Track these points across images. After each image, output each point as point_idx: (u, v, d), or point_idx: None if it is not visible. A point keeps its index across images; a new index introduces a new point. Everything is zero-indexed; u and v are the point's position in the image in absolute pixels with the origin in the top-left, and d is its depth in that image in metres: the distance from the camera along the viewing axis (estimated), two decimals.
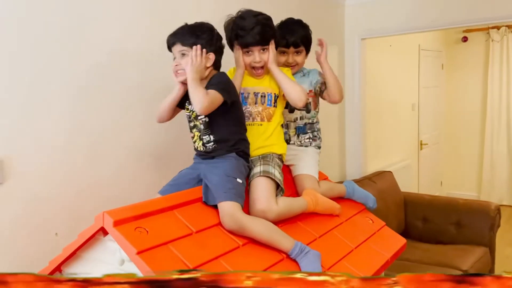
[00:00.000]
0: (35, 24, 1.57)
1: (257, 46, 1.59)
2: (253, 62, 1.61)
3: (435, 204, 3.09)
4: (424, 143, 4.74)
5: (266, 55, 1.61)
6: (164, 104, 1.54)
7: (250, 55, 1.61)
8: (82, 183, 1.72)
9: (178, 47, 1.47)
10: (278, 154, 1.62)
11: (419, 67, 4.61)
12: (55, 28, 1.62)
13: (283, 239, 1.35)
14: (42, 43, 1.59)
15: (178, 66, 1.46)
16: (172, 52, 1.50)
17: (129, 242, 1.11)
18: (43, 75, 1.59)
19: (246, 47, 1.60)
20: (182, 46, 1.46)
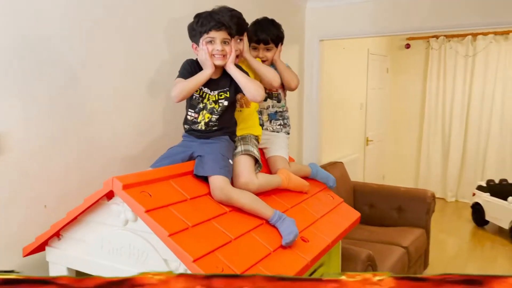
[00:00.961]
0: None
1: (236, 35, 1.77)
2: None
3: (380, 191, 3.45)
4: (370, 139, 5.16)
5: (241, 45, 1.82)
6: (193, 84, 1.59)
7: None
8: (70, 160, 1.82)
9: (223, 34, 1.60)
10: (255, 135, 1.84)
11: (368, 69, 5.01)
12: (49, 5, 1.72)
13: (264, 208, 1.57)
14: (36, 19, 1.68)
15: (222, 51, 1.60)
16: (209, 35, 1.59)
17: (138, 202, 1.27)
18: (35, 52, 1.68)
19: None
20: (227, 35, 1.62)
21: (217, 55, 1.60)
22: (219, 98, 1.65)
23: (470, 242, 4.28)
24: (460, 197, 5.60)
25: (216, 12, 1.63)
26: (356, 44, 4.57)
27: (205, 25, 1.58)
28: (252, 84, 1.63)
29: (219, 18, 1.58)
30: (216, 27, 1.57)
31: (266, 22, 2.07)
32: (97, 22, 1.87)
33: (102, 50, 1.91)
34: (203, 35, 1.60)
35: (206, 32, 1.59)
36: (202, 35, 1.60)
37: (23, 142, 1.65)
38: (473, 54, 5.35)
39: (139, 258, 1.33)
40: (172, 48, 2.20)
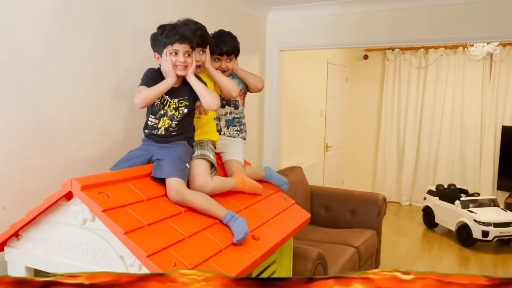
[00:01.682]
0: None
1: (199, 47, 1.90)
2: (196, 61, 1.90)
3: (336, 195, 3.63)
4: (329, 145, 5.37)
5: (203, 57, 1.93)
6: (155, 92, 1.69)
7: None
8: (30, 161, 1.86)
9: (186, 47, 1.72)
10: (212, 141, 1.96)
11: (327, 78, 5.23)
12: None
13: (217, 209, 1.68)
14: None
15: (184, 62, 1.71)
16: (173, 47, 1.70)
17: (96, 202, 1.35)
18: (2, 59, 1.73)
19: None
20: (189, 48, 1.73)
21: (180, 66, 1.71)
22: (179, 105, 1.76)
23: (420, 243, 4.54)
24: (413, 201, 5.91)
25: (180, 26, 1.74)
26: (316, 55, 4.78)
27: (169, 37, 1.69)
28: (209, 94, 1.75)
29: (183, 32, 1.70)
30: (180, 40, 1.68)
31: (225, 35, 2.19)
32: (62, 26, 1.93)
33: (67, 52, 1.97)
34: (167, 46, 1.70)
35: (170, 44, 1.69)
36: (166, 46, 1.70)
37: None
38: (425, 66, 5.69)
39: (96, 255, 1.41)
40: (135, 55, 2.28)
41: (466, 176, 5.58)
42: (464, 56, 5.49)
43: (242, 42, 2.25)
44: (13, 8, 1.75)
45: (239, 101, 2.22)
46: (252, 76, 2.22)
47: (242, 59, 3.18)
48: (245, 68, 3.23)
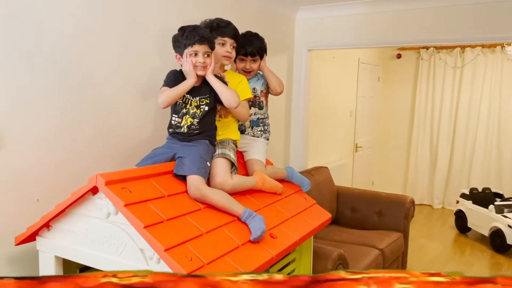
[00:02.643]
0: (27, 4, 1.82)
1: (231, 40, 1.96)
2: (226, 52, 1.96)
3: (362, 196, 3.60)
4: (359, 146, 5.31)
5: (234, 52, 1.99)
6: (177, 92, 1.76)
7: (223, 47, 1.97)
8: (62, 157, 1.97)
9: (205, 48, 1.77)
10: (233, 140, 2.00)
11: (358, 78, 5.17)
12: (41, 11, 1.88)
13: (235, 206, 1.72)
14: (38, 25, 1.84)
15: (204, 63, 1.77)
16: (193, 48, 1.75)
17: (118, 197, 1.42)
18: (33, 58, 1.84)
19: (223, 37, 1.95)
20: (209, 48, 1.79)
21: (199, 66, 1.77)
22: (201, 103, 1.81)
23: (450, 248, 4.42)
24: (446, 204, 5.75)
25: (200, 27, 1.79)
26: (346, 54, 4.74)
27: (189, 38, 1.75)
28: (228, 92, 1.80)
29: (202, 33, 1.75)
30: (199, 41, 1.74)
31: (251, 36, 2.23)
32: (93, 27, 2.04)
33: (98, 53, 2.08)
34: (187, 48, 1.76)
35: (190, 45, 1.75)
36: (186, 47, 1.76)
37: (18, 140, 1.81)
38: (461, 66, 5.51)
39: (119, 247, 1.48)
40: (161, 56, 2.36)
41: (502, 180, 5.37)
42: (502, 55, 5.28)
43: (270, 42, 2.27)
44: (55, 6, 1.86)
45: (263, 102, 2.26)
46: (275, 79, 2.25)
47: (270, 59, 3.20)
48: (273, 68, 3.26)
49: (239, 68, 2.20)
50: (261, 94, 2.24)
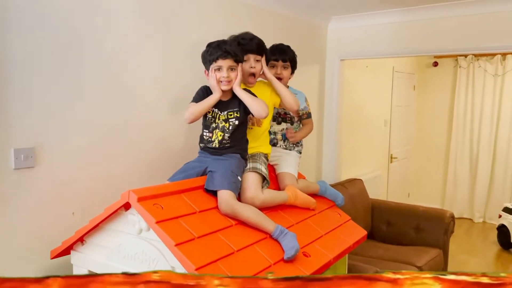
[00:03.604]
0: (63, 22, 1.86)
1: (254, 54, 1.94)
2: (250, 68, 1.94)
3: (399, 210, 3.47)
4: (394, 156, 5.16)
5: (259, 65, 1.96)
6: (202, 107, 1.77)
7: (247, 63, 1.95)
8: (96, 172, 2.00)
9: (229, 62, 1.76)
10: (264, 154, 1.97)
11: (393, 87, 5.04)
12: (85, 27, 1.92)
13: (267, 222, 1.68)
14: (74, 41, 1.89)
15: (228, 77, 1.77)
16: (217, 63, 1.75)
17: (150, 214, 1.42)
18: (70, 73, 1.88)
19: (245, 53, 1.93)
20: (233, 62, 1.78)
21: (224, 81, 1.76)
22: (229, 117, 1.80)
23: (492, 264, 4.19)
24: (488, 218, 5.48)
25: (224, 42, 1.78)
26: (380, 63, 4.63)
27: (213, 54, 1.75)
28: (256, 102, 1.78)
29: (225, 48, 1.74)
30: (222, 56, 1.73)
31: (283, 46, 2.21)
32: (134, 44, 2.07)
33: (135, 68, 2.11)
34: (212, 63, 1.76)
35: (214, 60, 1.75)
36: (211, 63, 1.76)
37: (54, 154, 1.85)
38: (503, 73, 5.28)
39: (150, 264, 1.47)
40: (193, 71, 2.37)
41: None
42: None
43: (302, 52, 2.25)
44: (98, 23, 1.90)
45: (294, 118, 2.22)
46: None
47: (302, 69, 3.17)
48: (305, 78, 3.21)
49: None
50: (293, 113, 2.21)
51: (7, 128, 1.71)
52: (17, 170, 1.74)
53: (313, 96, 3.59)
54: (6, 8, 1.66)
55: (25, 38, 1.73)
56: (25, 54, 1.73)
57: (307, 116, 2.23)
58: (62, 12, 1.82)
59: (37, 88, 1.78)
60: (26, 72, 1.74)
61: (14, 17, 1.69)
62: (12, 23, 1.68)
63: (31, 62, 1.75)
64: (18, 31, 1.70)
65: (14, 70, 1.70)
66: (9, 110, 1.70)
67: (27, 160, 1.76)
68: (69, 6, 1.85)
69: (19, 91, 1.73)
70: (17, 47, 1.71)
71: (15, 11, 1.69)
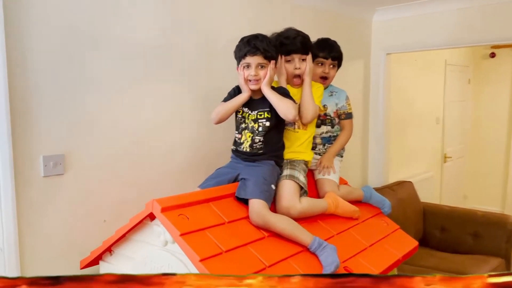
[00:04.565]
0: (90, 30, 1.81)
1: (298, 54, 1.79)
2: (294, 69, 1.79)
3: (454, 214, 3.19)
4: (448, 156, 4.81)
5: (304, 65, 1.80)
6: (230, 107, 1.68)
7: (291, 63, 1.80)
8: (127, 178, 1.94)
9: (258, 59, 1.62)
10: (305, 161, 1.81)
11: (445, 81, 4.70)
12: (109, 33, 1.86)
13: (303, 235, 1.53)
14: (103, 47, 1.83)
15: (256, 76, 1.63)
16: (245, 60, 1.63)
17: (174, 226, 1.32)
18: (101, 79, 1.83)
19: (289, 54, 1.79)
20: (263, 59, 1.63)
21: (252, 79, 1.62)
22: (259, 117, 1.67)
23: None
24: None
25: (256, 37, 1.65)
26: (431, 55, 4.31)
27: (242, 50, 1.63)
28: (282, 103, 1.63)
29: (254, 43, 1.61)
30: (251, 52, 1.60)
31: (331, 41, 2.06)
32: (165, 45, 2.00)
33: (165, 71, 2.03)
34: (240, 60, 1.63)
35: (242, 57, 1.62)
36: (240, 60, 1.64)
37: (84, 162, 1.80)
38: None
39: None
40: (229, 69, 2.25)
41: None
42: None
43: (345, 47, 2.07)
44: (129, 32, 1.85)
45: (335, 119, 2.04)
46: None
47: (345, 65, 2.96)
48: (348, 74, 3.02)
49: (316, 75, 1.99)
50: (333, 113, 2.03)
51: (36, 135, 1.67)
52: (46, 178, 1.71)
53: (357, 94, 3.38)
54: (37, 16, 1.63)
55: (54, 46, 1.69)
56: (54, 62, 1.70)
57: (345, 116, 2.03)
58: (87, 19, 1.78)
59: (67, 95, 1.74)
60: (55, 79, 1.70)
61: (39, 25, 1.65)
62: (39, 30, 1.65)
63: (59, 69, 1.71)
64: (47, 39, 1.67)
65: (43, 77, 1.67)
66: (38, 117, 1.67)
67: (56, 167, 1.73)
68: (97, 13, 1.79)
69: (48, 98, 1.69)
70: (46, 54, 1.67)
71: (42, 21, 1.65)
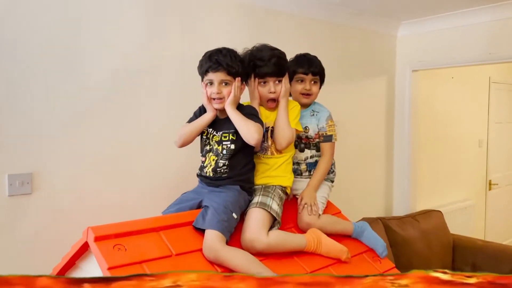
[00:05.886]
0: (56, 39, 1.77)
1: (273, 77, 1.62)
2: (269, 93, 1.62)
3: (488, 250, 2.80)
4: (493, 183, 4.34)
5: (279, 87, 1.64)
6: (193, 129, 1.53)
7: (265, 86, 1.64)
8: (99, 200, 1.85)
9: (221, 75, 1.47)
10: (283, 187, 1.63)
11: (489, 100, 4.28)
12: (83, 45, 1.81)
13: (263, 274, 1.34)
14: (74, 61, 1.78)
15: (219, 94, 1.48)
16: (208, 76, 1.48)
17: (104, 257, 1.19)
18: (71, 96, 1.78)
19: (263, 78, 1.62)
20: (227, 75, 1.47)
21: (215, 98, 1.48)
22: (223, 139, 1.51)
23: None
24: None
25: (219, 51, 1.50)
26: (471, 72, 3.94)
27: (203, 66, 1.48)
28: (246, 126, 1.45)
29: (217, 59, 1.46)
30: (212, 68, 1.45)
31: (311, 56, 1.87)
32: (152, 55, 1.93)
33: (149, 84, 1.96)
34: (203, 77, 1.50)
35: (204, 73, 1.48)
36: (203, 76, 1.50)
37: (54, 181, 1.75)
38: None
39: None
40: None
41: None
42: None
43: (368, 62, 1.89)
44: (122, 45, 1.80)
45: (319, 142, 1.83)
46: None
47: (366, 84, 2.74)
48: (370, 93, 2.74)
49: (296, 92, 1.81)
50: (315, 135, 1.82)
51: (1, 152, 1.64)
52: (11, 197, 1.66)
53: (380, 114, 3.13)
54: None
55: (22, 61, 1.66)
56: (23, 77, 1.67)
57: (323, 139, 1.80)
58: (58, 26, 1.74)
59: (36, 111, 1.70)
60: (24, 95, 1.67)
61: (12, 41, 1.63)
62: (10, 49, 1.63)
63: (30, 84, 1.68)
64: (15, 55, 1.64)
65: (11, 92, 1.64)
66: (4, 133, 1.64)
67: (23, 186, 1.68)
68: (64, 23, 1.75)
69: (16, 114, 1.66)
70: (14, 69, 1.65)
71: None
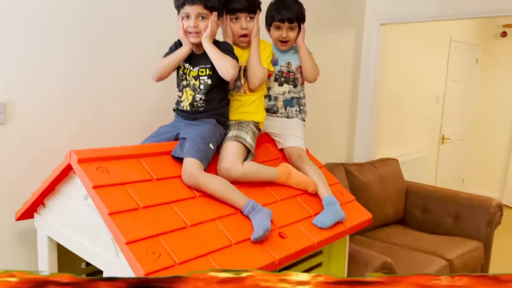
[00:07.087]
0: None
1: (244, 13, 1.66)
2: (240, 29, 1.67)
3: (437, 195, 3.06)
4: (446, 137, 4.63)
5: (251, 24, 1.68)
6: (169, 62, 1.55)
7: (237, 23, 1.68)
8: (76, 129, 1.86)
9: (198, 9, 1.48)
10: (255, 122, 1.71)
11: (449, 59, 4.48)
12: None
13: (237, 197, 1.45)
14: None
15: (196, 28, 1.50)
16: (184, 9, 1.49)
17: (88, 177, 1.25)
18: (46, 23, 1.74)
19: (234, 13, 1.66)
20: (204, 9, 1.48)
21: (192, 31, 1.51)
22: (200, 74, 1.56)
23: None
24: None
25: None
26: (434, 30, 4.10)
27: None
28: (222, 61, 1.50)
29: None
30: (189, 1, 1.47)
31: (288, 1, 1.91)
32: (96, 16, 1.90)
33: (117, 17, 1.94)
34: (180, 10, 1.52)
35: (181, 6, 1.50)
36: (179, 9, 1.52)
37: (27, 111, 1.73)
38: None
39: (94, 234, 1.31)
40: None
41: None
42: None
43: (335, 14, 1.92)
44: None
45: (298, 79, 1.93)
46: (311, 62, 1.90)
47: (334, 36, 2.79)
48: (338, 45, 2.81)
49: (274, 38, 1.89)
50: (297, 70, 1.92)
51: None
52: None
53: (347, 66, 3.23)
54: None
55: None
56: None
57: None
58: None
59: (8, 39, 1.66)
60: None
61: None
62: None
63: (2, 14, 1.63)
64: None
65: None
66: None
67: None
68: None
69: None
70: None
71: None
